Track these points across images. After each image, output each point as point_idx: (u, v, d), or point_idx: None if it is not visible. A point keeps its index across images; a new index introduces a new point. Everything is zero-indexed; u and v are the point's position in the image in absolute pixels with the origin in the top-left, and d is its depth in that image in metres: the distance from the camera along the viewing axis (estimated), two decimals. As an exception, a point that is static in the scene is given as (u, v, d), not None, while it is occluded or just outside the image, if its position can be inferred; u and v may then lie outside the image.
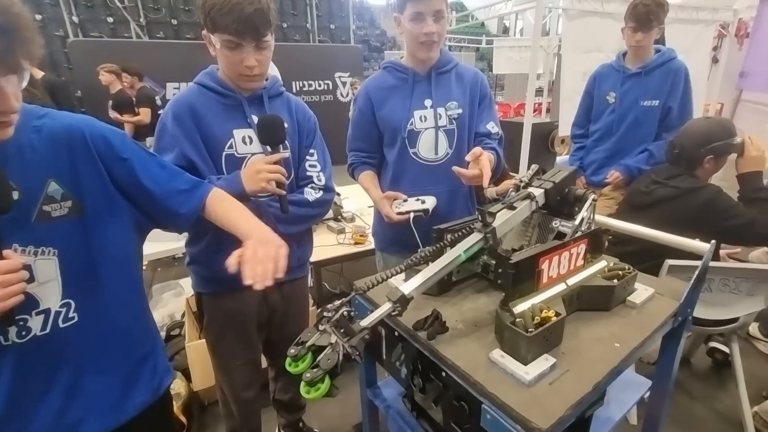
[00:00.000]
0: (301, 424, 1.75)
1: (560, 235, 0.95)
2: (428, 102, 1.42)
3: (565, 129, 3.22)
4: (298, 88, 6.36)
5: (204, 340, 1.36)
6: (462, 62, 1.52)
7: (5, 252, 0.68)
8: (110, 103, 4.34)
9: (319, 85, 6.55)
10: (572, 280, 0.88)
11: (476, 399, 0.72)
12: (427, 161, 1.45)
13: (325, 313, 0.72)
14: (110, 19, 6.23)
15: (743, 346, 2.24)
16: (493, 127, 1.50)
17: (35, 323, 0.75)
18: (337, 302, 0.74)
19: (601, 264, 0.96)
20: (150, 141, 2.34)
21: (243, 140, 1.18)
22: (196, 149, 1.12)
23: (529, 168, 1.08)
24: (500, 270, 0.85)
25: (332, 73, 6.47)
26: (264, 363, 1.53)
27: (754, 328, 2.40)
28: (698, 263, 0.96)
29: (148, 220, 0.92)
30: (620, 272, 0.93)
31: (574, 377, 0.71)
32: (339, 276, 2.92)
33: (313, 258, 2.00)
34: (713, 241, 0.96)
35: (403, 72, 1.43)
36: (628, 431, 1.83)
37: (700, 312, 1.73)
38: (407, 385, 0.94)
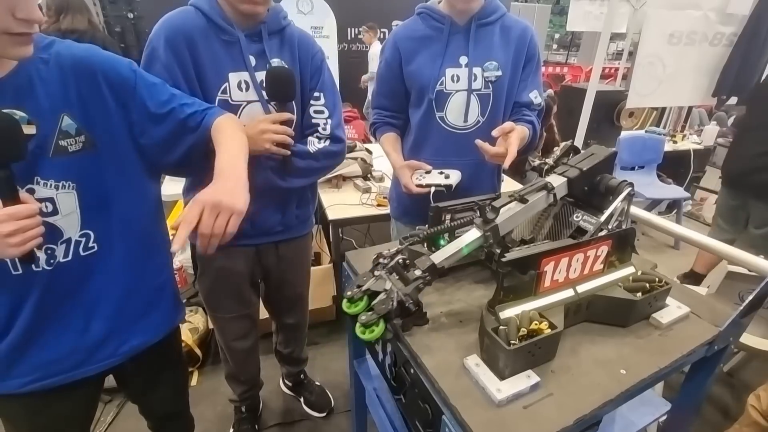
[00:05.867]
0: (302, 376, 1.79)
1: (580, 231, 0.80)
2: (463, 59, 1.23)
3: (635, 100, 2.81)
4: (353, 35, 6.09)
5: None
6: (518, 15, 1.29)
7: (23, 196, 0.68)
8: None
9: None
10: (584, 287, 0.75)
11: (439, 407, 0.64)
12: (454, 128, 1.29)
13: (380, 259, 0.75)
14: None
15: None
16: (536, 97, 1.28)
17: (60, 251, 0.78)
18: (393, 249, 0.76)
19: (627, 271, 0.80)
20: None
21: (239, 86, 1.03)
22: (190, 87, 0.98)
23: (574, 144, 0.91)
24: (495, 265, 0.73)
25: (390, 21, 6.10)
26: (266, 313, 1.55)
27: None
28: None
29: (157, 157, 0.88)
30: (648, 284, 0.77)
31: (555, 404, 0.61)
32: (365, 235, 2.88)
33: (333, 216, 1.97)
34: (781, 262, 0.77)
35: (439, 21, 1.24)
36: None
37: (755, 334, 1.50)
38: (382, 369, 0.88)
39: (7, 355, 0.80)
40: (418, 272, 0.69)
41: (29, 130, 0.70)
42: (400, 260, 0.73)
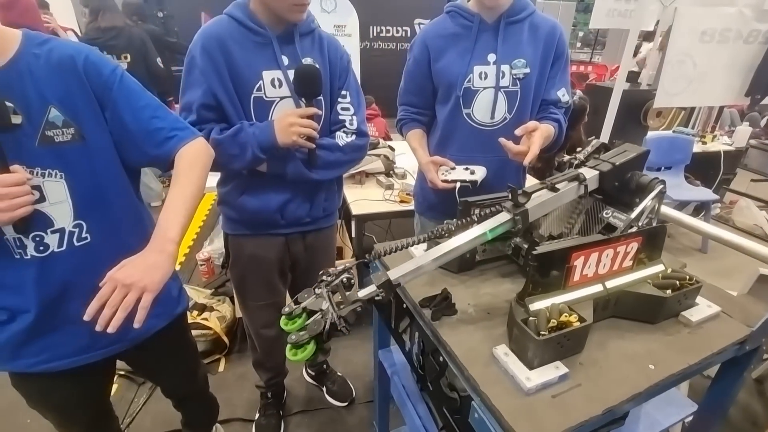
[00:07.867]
0: (325, 366, 1.84)
1: (609, 228, 0.81)
2: (492, 57, 1.24)
3: (664, 99, 2.74)
4: (375, 34, 6.12)
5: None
6: (542, 11, 1.29)
7: (12, 167, 0.74)
8: None
9: (397, 32, 6.22)
10: (612, 283, 0.76)
11: (468, 393, 0.66)
12: (481, 125, 1.30)
13: (324, 277, 0.70)
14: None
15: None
16: (564, 95, 1.28)
17: (52, 240, 0.81)
18: (340, 267, 0.71)
19: (656, 268, 0.81)
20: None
21: (272, 83, 1.10)
22: (224, 88, 1.06)
23: (604, 142, 0.91)
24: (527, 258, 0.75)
25: (412, 19, 6.10)
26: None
27: None
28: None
29: (127, 158, 0.89)
30: (678, 282, 0.78)
31: (583, 395, 0.62)
32: (386, 231, 2.91)
33: (356, 211, 2.00)
34: (817, 263, 0.76)
35: (468, 18, 1.26)
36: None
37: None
38: (409, 358, 0.91)
39: (17, 336, 0.85)
40: (372, 288, 0.67)
41: (15, 119, 0.74)
42: (345, 279, 0.69)
